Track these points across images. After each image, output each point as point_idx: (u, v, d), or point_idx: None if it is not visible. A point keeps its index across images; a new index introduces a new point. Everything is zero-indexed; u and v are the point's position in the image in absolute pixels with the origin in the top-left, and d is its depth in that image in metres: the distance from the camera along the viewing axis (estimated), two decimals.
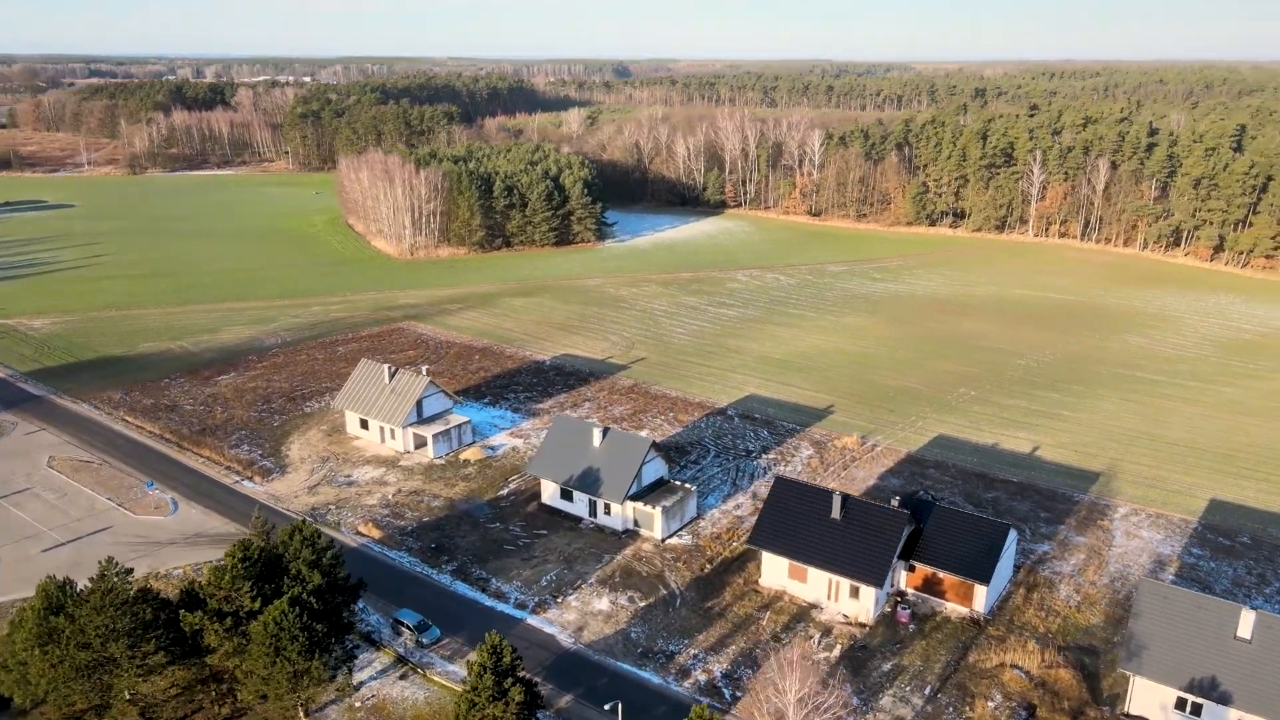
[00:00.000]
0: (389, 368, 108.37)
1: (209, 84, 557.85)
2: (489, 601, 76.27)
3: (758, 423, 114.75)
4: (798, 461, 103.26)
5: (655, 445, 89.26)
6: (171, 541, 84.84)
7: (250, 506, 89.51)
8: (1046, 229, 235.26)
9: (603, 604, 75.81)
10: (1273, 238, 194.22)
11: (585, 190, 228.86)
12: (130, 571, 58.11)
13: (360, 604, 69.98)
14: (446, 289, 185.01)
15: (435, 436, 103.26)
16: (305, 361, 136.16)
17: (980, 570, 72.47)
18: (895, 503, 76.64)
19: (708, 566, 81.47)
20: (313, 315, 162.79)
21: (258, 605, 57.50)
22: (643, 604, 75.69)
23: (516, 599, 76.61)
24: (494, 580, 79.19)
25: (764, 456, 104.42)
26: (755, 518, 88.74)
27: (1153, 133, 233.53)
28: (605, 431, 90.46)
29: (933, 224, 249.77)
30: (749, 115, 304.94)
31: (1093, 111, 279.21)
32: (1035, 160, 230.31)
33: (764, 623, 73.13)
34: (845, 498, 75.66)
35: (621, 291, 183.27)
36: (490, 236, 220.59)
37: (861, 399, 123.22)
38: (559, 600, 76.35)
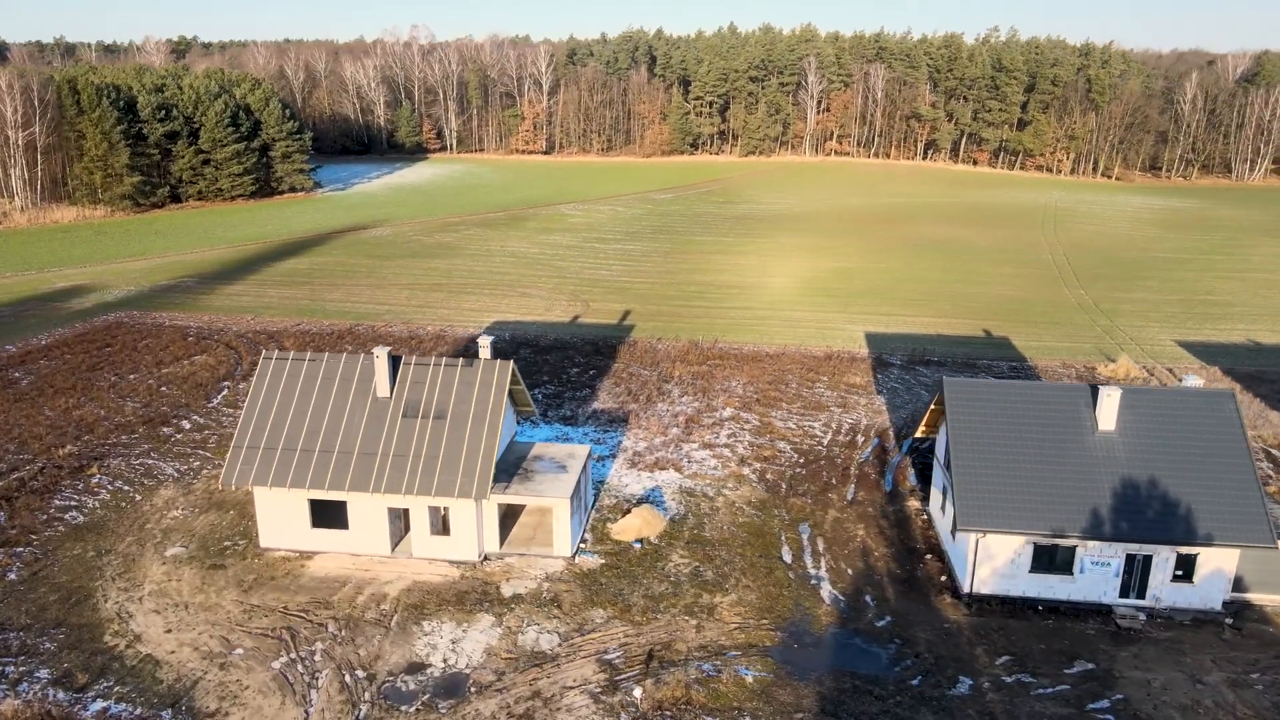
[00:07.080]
0: (386, 353, 42.58)
1: None
2: None
3: (952, 369, 70.23)
4: None
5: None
6: None
7: None
8: (822, 145, 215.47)
9: None
10: (1053, 135, 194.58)
11: (286, 115, 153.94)
12: None
13: None
14: (134, 260, 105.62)
15: (571, 500, 41.62)
16: None
17: None
18: None
19: None
20: None
21: None
22: None
23: None
24: None
25: None
26: None
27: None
28: (1124, 394, 39.40)
29: (695, 150, 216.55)
30: (427, 31, 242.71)
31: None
32: (810, 68, 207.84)
33: None
34: None
35: (443, 238, 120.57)
36: (148, 187, 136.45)
37: (1005, 318, 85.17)
38: None
